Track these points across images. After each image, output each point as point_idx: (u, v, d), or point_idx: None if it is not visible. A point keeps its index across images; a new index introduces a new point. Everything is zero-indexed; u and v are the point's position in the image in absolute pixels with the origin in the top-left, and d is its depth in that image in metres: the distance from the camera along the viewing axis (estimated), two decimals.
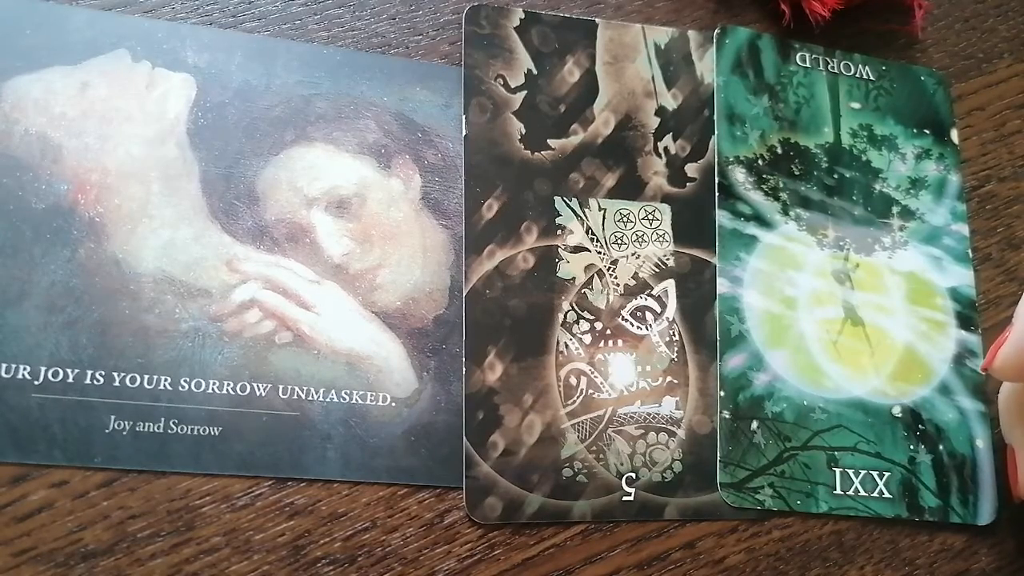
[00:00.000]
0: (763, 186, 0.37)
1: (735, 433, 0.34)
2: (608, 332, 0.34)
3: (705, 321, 0.35)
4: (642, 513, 0.33)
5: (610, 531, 0.32)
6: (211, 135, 0.33)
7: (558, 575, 0.32)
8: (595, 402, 0.33)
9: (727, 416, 0.34)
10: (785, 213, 0.37)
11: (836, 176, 0.38)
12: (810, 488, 0.34)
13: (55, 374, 0.30)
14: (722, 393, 0.34)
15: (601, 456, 0.33)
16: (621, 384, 0.34)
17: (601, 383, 0.34)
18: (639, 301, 0.35)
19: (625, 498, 0.33)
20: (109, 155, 0.32)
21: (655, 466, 0.33)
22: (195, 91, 0.33)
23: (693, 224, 0.36)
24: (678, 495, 0.33)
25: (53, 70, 0.32)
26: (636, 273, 0.35)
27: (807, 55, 0.39)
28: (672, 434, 0.34)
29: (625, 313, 0.35)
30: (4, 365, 0.29)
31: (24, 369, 0.30)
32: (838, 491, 0.34)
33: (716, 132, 0.37)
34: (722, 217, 0.36)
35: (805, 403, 0.35)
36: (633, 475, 0.33)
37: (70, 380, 0.30)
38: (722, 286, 0.35)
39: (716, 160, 0.37)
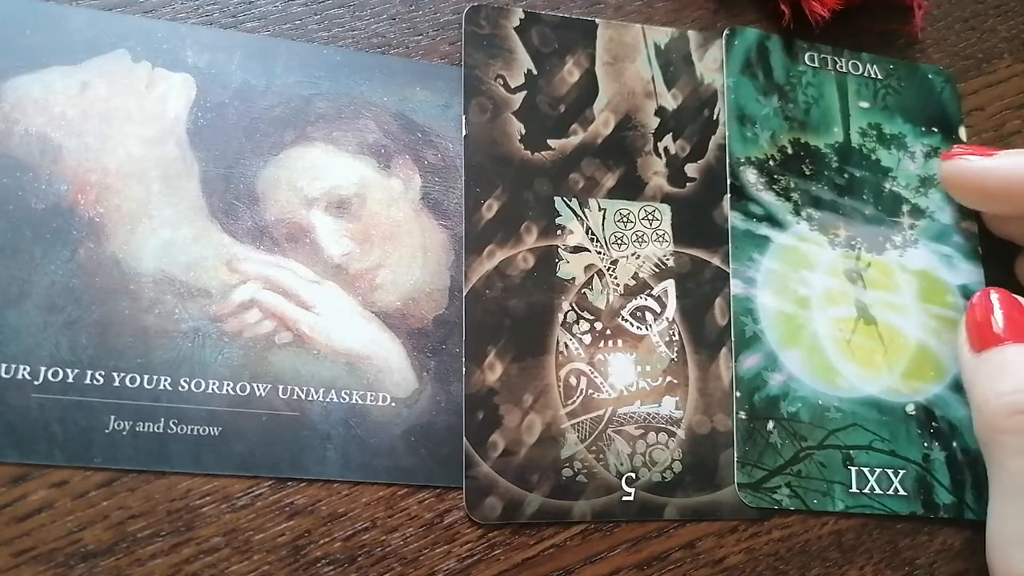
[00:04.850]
0: (774, 186, 0.37)
1: (751, 433, 0.34)
2: (608, 332, 0.34)
3: (705, 321, 0.35)
4: (642, 513, 0.33)
5: (610, 531, 0.32)
6: (211, 135, 0.33)
7: (558, 575, 0.32)
8: (595, 402, 0.33)
9: (743, 417, 0.34)
10: (797, 213, 0.37)
11: (846, 175, 0.38)
12: (826, 487, 0.34)
13: (55, 374, 0.30)
14: (738, 394, 0.34)
15: (601, 456, 0.33)
16: (621, 384, 0.34)
17: (601, 383, 0.34)
18: (639, 301, 0.35)
19: (625, 498, 0.33)
20: (109, 155, 0.32)
21: (655, 466, 0.33)
22: (195, 91, 0.33)
23: (693, 224, 0.36)
24: (678, 495, 0.33)
25: (53, 70, 0.32)
26: (636, 273, 0.35)
27: (815, 55, 0.39)
28: (672, 434, 0.34)
29: (625, 313, 0.35)
30: (4, 365, 0.29)
31: (24, 369, 0.30)
32: (854, 489, 0.34)
33: (727, 133, 0.37)
34: (734, 218, 0.36)
35: (820, 402, 0.35)
36: (633, 475, 0.33)
37: (70, 380, 0.30)
38: (736, 287, 0.35)
39: (728, 161, 0.37)
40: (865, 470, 0.34)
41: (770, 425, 0.34)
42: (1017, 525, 0.29)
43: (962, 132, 0.40)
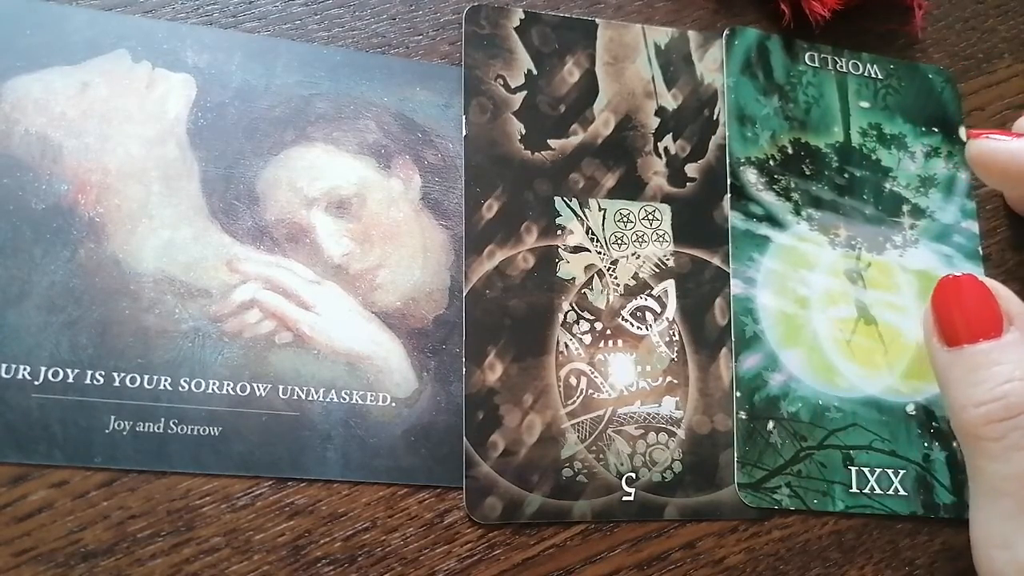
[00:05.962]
0: (775, 186, 0.37)
1: (752, 434, 0.34)
2: (608, 332, 0.34)
3: (705, 321, 0.35)
4: (642, 513, 0.33)
5: (610, 531, 0.32)
6: (211, 135, 0.33)
7: (558, 575, 0.32)
8: (595, 402, 0.33)
9: (743, 417, 0.34)
10: (797, 213, 0.37)
11: (847, 175, 0.38)
12: (826, 487, 0.34)
13: (55, 374, 0.30)
14: (738, 394, 0.34)
15: (601, 456, 0.33)
16: (621, 384, 0.34)
17: (601, 383, 0.34)
18: (639, 301, 0.35)
19: (625, 498, 0.33)
20: (109, 155, 0.32)
21: (655, 466, 0.33)
22: (195, 91, 0.33)
23: (693, 224, 0.36)
24: (678, 495, 0.33)
25: (53, 70, 0.32)
26: (636, 273, 0.35)
27: (816, 55, 0.39)
28: (672, 434, 0.34)
29: (625, 313, 0.35)
30: (4, 365, 0.29)
31: (24, 369, 0.30)
32: (854, 489, 0.34)
33: (727, 133, 0.37)
34: (735, 218, 0.36)
35: (820, 402, 0.35)
36: (633, 475, 0.33)
37: (70, 380, 0.30)
38: (736, 287, 0.35)
39: (728, 161, 0.37)
40: (865, 470, 0.34)
41: (770, 425, 0.34)
42: (998, 526, 0.28)
43: (962, 132, 0.40)
